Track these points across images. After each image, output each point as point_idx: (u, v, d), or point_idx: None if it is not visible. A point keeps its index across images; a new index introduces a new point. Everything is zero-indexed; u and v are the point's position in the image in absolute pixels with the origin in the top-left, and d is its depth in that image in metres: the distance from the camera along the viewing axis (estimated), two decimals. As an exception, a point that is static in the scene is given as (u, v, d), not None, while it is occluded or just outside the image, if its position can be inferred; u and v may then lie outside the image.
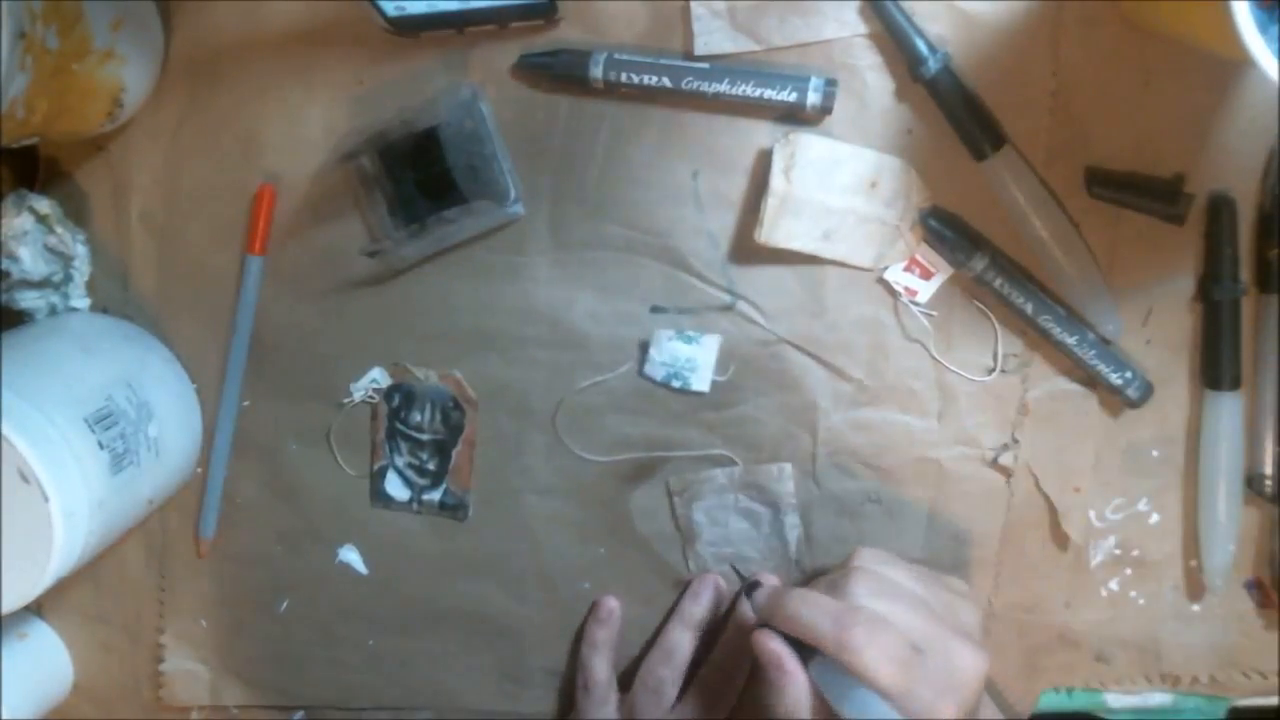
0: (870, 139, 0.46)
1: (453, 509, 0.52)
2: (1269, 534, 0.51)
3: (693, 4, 0.45)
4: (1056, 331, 0.47)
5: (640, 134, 0.47)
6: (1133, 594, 0.52)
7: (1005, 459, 0.50)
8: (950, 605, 0.44)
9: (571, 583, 0.53)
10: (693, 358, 0.48)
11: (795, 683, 0.41)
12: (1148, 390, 0.48)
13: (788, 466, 0.50)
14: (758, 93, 0.45)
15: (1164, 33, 0.43)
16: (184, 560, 0.54)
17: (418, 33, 0.46)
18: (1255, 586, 0.52)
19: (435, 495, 0.52)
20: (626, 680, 0.52)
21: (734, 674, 0.49)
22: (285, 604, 0.54)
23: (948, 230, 0.47)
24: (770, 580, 0.50)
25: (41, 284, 0.50)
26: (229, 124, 0.49)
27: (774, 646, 0.42)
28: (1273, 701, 0.53)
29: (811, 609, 0.41)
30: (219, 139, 0.49)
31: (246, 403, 0.52)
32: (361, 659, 0.55)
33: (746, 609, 0.47)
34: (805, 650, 0.42)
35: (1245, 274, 0.47)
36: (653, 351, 0.49)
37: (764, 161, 0.47)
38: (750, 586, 0.47)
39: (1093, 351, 0.47)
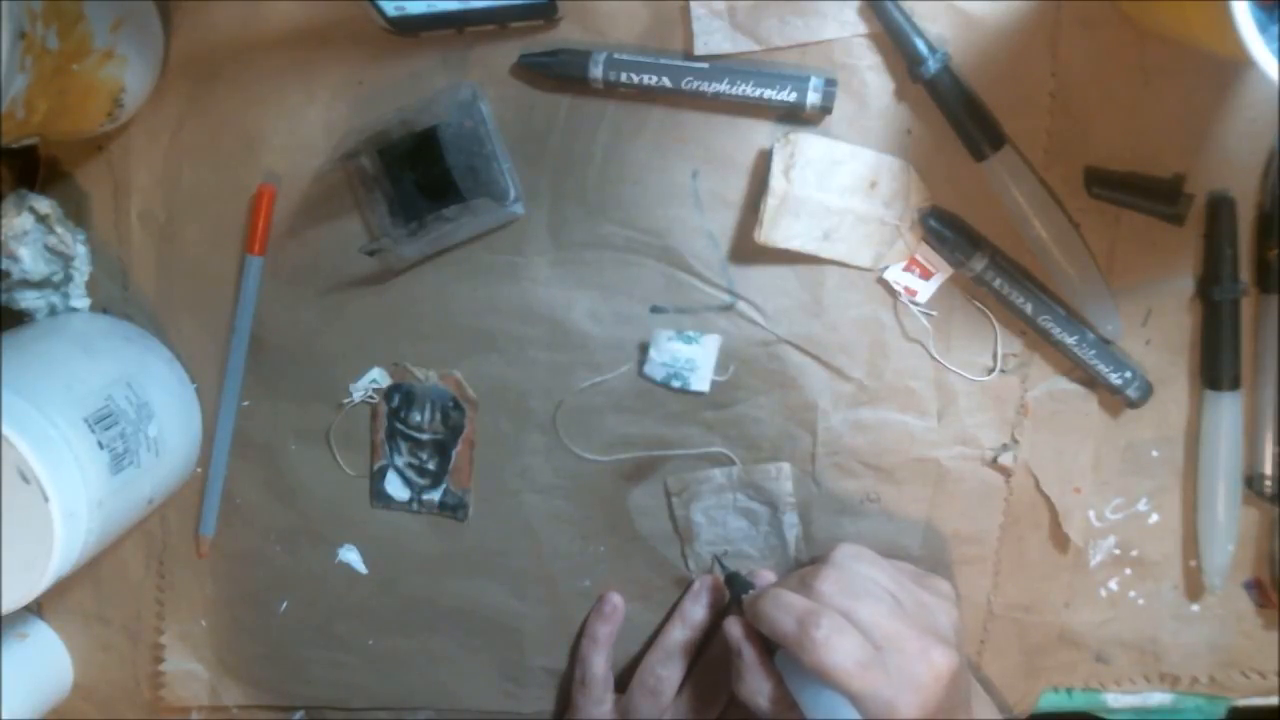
0: (870, 139, 0.47)
1: (452, 509, 0.52)
2: (1269, 534, 0.51)
3: (693, 4, 0.45)
4: (1056, 331, 0.47)
5: (640, 134, 0.47)
6: (1132, 594, 0.52)
7: (1005, 459, 0.50)
8: (924, 604, 0.44)
9: (571, 581, 0.53)
10: (692, 358, 0.48)
11: (752, 671, 0.44)
12: (1147, 390, 0.49)
13: (786, 466, 0.50)
14: (758, 93, 0.45)
15: (1164, 33, 0.43)
16: (184, 560, 0.54)
17: (418, 33, 0.46)
18: (1255, 586, 0.52)
19: (435, 495, 0.52)
20: (627, 680, 0.52)
21: (729, 669, 0.50)
22: (285, 604, 0.54)
23: (947, 230, 0.47)
24: (766, 577, 0.50)
25: (41, 284, 0.50)
26: (229, 124, 0.49)
27: (736, 634, 0.44)
28: (1273, 701, 0.54)
29: (778, 608, 0.42)
30: (219, 139, 0.49)
31: (246, 403, 0.52)
32: (361, 659, 0.55)
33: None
34: (774, 641, 0.43)
35: (1245, 274, 0.47)
36: (652, 351, 0.49)
37: (764, 161, 0.47)
38: (730, 578, 0.48)
39: (1093, 351, 0.48)
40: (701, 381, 0.48)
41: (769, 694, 0.43)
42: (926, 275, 0.48)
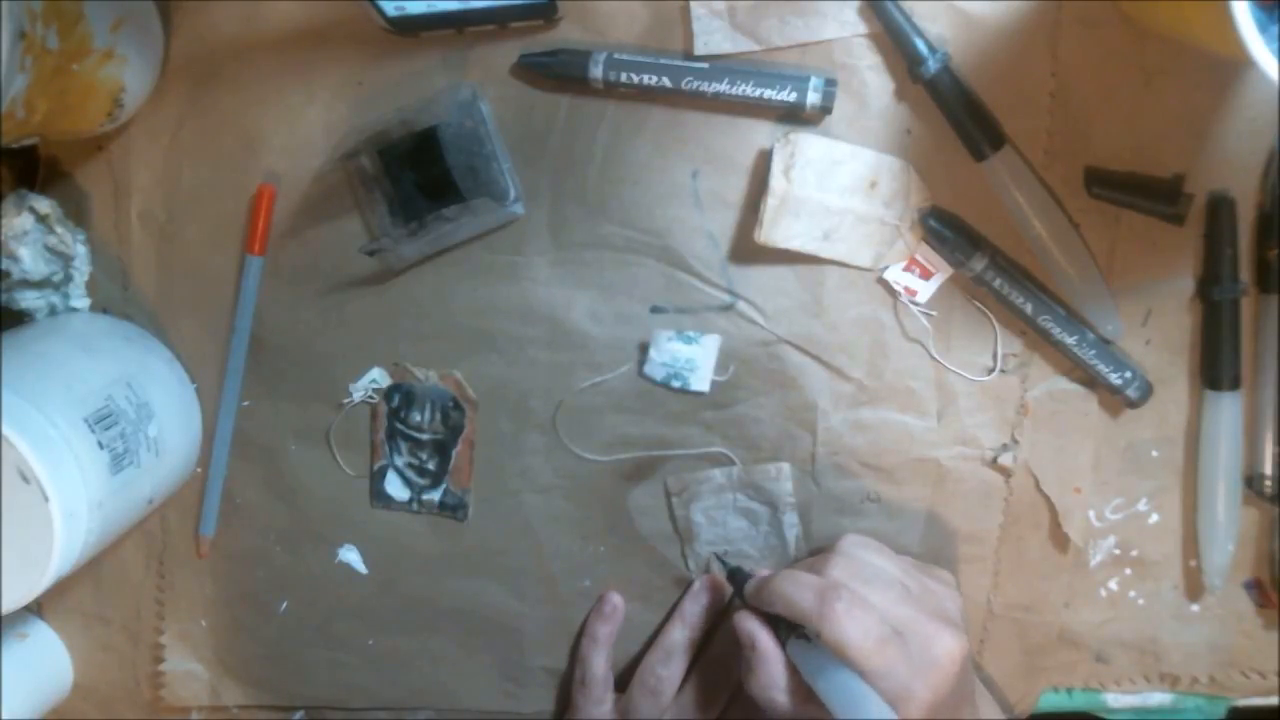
0: (870, 139, 0.47)
1: (452, 509, 0.52)
2: (1269, 534, 0.51)
3: (693, 4, 0.45)
4: (1056, 331, 0.47)
5: (640, 134, 0.47)
6: (1132, 594, 0.52)
7: (1005, 459, 0.50)
8: (930, 591, 0.45)
9: (571, 581, 0.53)
10: (692, 358, 0.48)
11: (768, 661, 0.43)
12: (1147, 390, 0.49)
13: (786, 466, 0.50)
14: (757, 93, 0.45)
15: (1164, 33, 0.43)
16: (184, 560, 0.54)
17: (417, 33, 0.46)
18: (1255, 586, 0.52)
19: (435, 495, 0.52)
20: (627, 680, 0.52)
21: (729, 667, 0.50)
22: (285, 604, 0.54)
23: (947, 230, 0.47)
24: (764, 573, 0.50)
25: (41, 284, 0.50)
26: (229, 124, 0.49)
27: (749, 626, 0.44)
28: (1273, 701, 0.54)
29: (795, 585, 0.42)
30: (219, 139, 0.49)
31: (246, 403, 0.52)
32: (361, 659, 0.55)
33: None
34: (784, 632, 0.43)
35: (1245, 274, 0.47)
36: (652, 351, 0.49)
37: (764, 161, 0.47)
38: (733, 573, 0.48)
39: (1093, 351, 0.48)
40: (701, 381, 0.48)
41: (785, 685, 0.42)
42: (926, 275, 0.48)
